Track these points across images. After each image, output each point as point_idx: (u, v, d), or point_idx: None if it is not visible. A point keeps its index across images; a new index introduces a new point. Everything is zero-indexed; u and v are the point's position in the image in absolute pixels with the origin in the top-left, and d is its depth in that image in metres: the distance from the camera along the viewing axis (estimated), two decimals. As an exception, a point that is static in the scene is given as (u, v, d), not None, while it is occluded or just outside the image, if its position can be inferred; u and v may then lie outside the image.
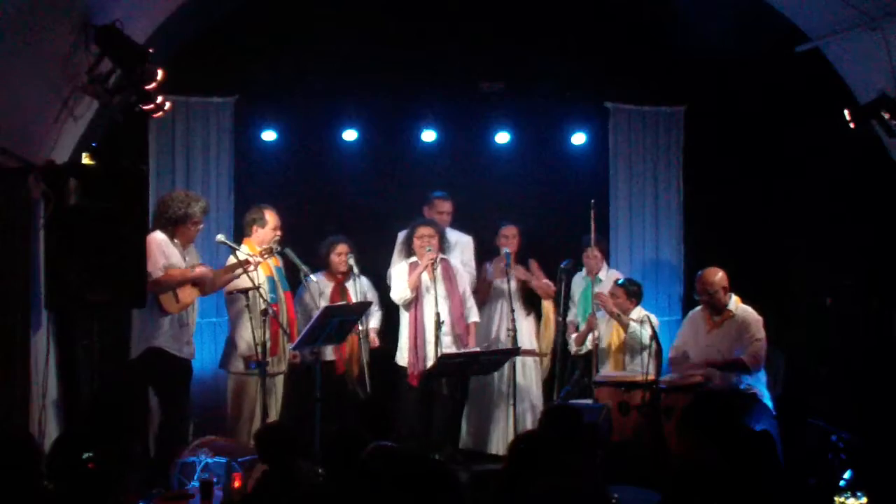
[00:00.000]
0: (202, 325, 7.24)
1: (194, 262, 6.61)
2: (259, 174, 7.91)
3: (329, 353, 7.13)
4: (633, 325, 7.20)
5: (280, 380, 6.96)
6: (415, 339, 7.19)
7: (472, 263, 7.80)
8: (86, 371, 6.12)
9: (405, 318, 7.31)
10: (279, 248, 6.91)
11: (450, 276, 7.30)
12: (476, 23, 7.92)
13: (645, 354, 6.73)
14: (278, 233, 6.96)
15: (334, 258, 7.33)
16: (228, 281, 6.65)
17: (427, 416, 7.19)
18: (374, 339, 7.40)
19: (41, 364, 5.75)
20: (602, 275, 7.75)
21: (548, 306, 7.86)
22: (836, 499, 5.16)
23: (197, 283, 6.47)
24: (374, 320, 7.47)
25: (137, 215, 5.70)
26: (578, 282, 7.81)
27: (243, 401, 6.80)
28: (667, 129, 8.45)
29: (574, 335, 7.65)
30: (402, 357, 7.30)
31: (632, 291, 7.41)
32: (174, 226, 6.46)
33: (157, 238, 6.37)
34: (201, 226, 6.63)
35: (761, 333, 6.81)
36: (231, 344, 6.90)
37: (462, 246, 7.74)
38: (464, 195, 8.17)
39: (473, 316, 7.42)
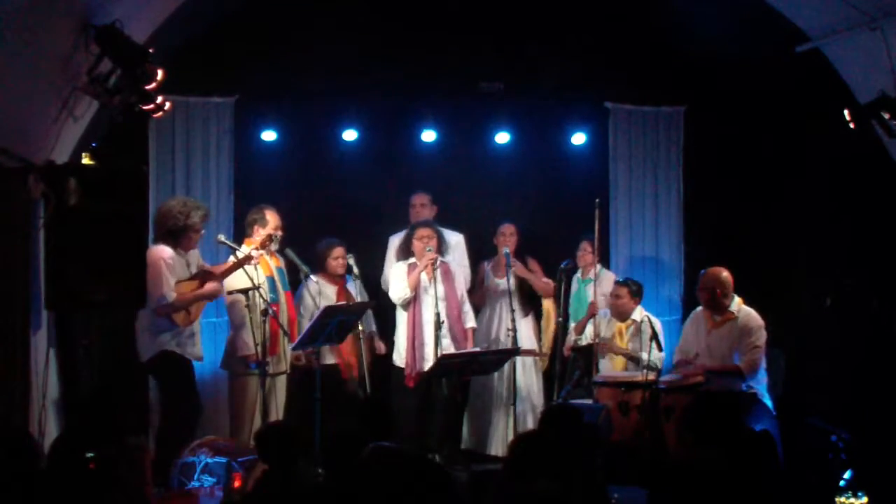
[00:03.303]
0: (202, 325, 7.22)
1: (197, 264, 6.62)
2: (259, 174, 7.90)
3: (329, 356, 7.10)
4: (644, 356, 7.05)
5: (282, 380, 6.95)
6: (413, 339, 7.19)
7: (466, 262, 7.78)
8: (86, 371, 6.12)
9: (403, 318, 7.31)
10: (277, 241, 6.91)
11: (449, 279, 7.31)
12: (476, 23, 7.92)
13: (647, 357, 6.72)
14: (279, 232, 6.96)
15: (331, 262, 7.29)
16: (228, 275, 6.64)
17: (426, 416, 7.19)
18: (381, 346, 7.40)
19: (41, 364, 5.74)
20: (591, 275, 7.69)
21: (548, 305, 7.86)
22: (837, 499, 5.17)
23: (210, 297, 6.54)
24: (371, 323, 7.42)
25: (137, 215, 5.68)
26: (575, 282, 7.82)
27: (244, 401, 6.80)
28: (667, 129, 8.45)
29: (573, 324, 7.62)
30: (400, 357, 7.30)
31: (634, 290, 7.41)
32: (176, 235, 6.46)
33: (164, 256, 6.34)
34: (203, 231, 6.63)
35: (761, 341, 6.75)
36: (231, 344, 6.91)
37: (453, 246, 7.66)
38: (464, 195, 8.17)
39: (470, 321, 7.43)
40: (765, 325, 6.81)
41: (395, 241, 7.75)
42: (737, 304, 6.90)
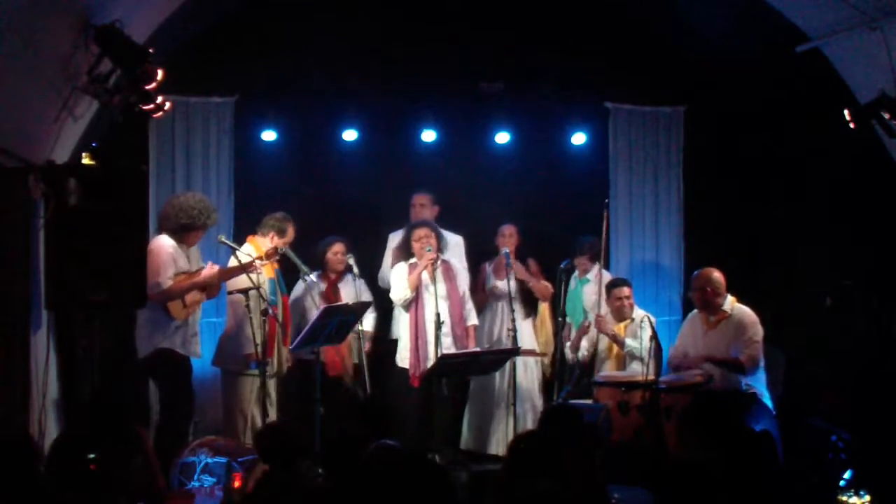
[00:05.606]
0: (202, 325, 7.23)
1: (198, 261, 6.62)
2: (259, 174, 7.91)
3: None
4: (629, 343, 7.16)
5: (272, 383, 6.89)
6: (416, 339, 7.18)
7: (464, 263, 7.75)
8: (86, 371, 6.12)
9: (405, 319, 7.31)
10: (283, 251, 6.92)
11: (450, 277, 7.30)
12: (476, 23, 7.92)
13: (645, 355, 6.72)
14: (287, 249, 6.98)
15: (331, 257, 7.36)
16: (230, 278, 6.64)
17: (428, 416, 7.19)
18: (367, 344, 7.35)
19: (41, 364, 5.75)
20: (591, 275, 7.68)
21: (544, 308, 7.86)
22: (839, 497, 5.17)
23: (205, 286, 6.49)
24: (368, 323, 7.41)
25: (137, 215, 5.68)
26: (573, 281, 7.79)
27: (236, 399, 6.79)
28: (667, 129, 8.45)
29: (569, 342, 7.62)
30: (403, 358, 7.30)
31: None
32: (184, 231, 6.46)
33: (166, 246, 6.37)
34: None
35: (759, 335, 6.76)
36: (228, 342, 6.89)
37: (452, 246, 7.64)
38: (464, 195, 8.17)
39: (472, 319, 7.42)
40: (760, 322, 6.81)
41: (394, 238, 7.76)
42: (730, 302, 6.90)
